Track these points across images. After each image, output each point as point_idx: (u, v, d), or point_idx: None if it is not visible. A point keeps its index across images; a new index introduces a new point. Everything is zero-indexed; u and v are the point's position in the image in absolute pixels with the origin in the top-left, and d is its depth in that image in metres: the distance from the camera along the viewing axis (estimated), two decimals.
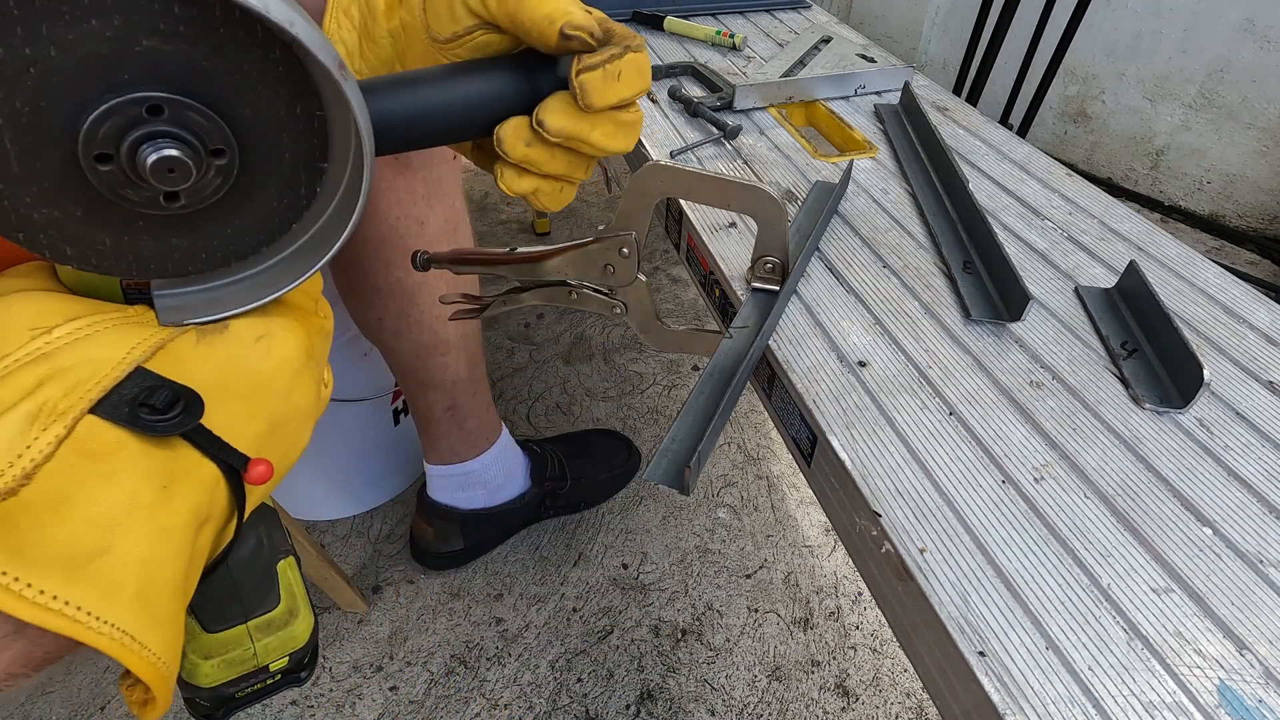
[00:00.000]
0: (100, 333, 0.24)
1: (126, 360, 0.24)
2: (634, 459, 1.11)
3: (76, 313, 0.24)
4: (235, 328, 0.27)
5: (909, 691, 0.89)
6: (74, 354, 0.23)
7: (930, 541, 0.39)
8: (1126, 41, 1.80)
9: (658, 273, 1.57)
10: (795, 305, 0.55)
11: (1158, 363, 0.50)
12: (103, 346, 0.24)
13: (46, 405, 0.22)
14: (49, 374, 0.22)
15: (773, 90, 0.84)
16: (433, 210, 0.69)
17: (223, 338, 0.26)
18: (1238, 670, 0.34)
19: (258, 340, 0.27)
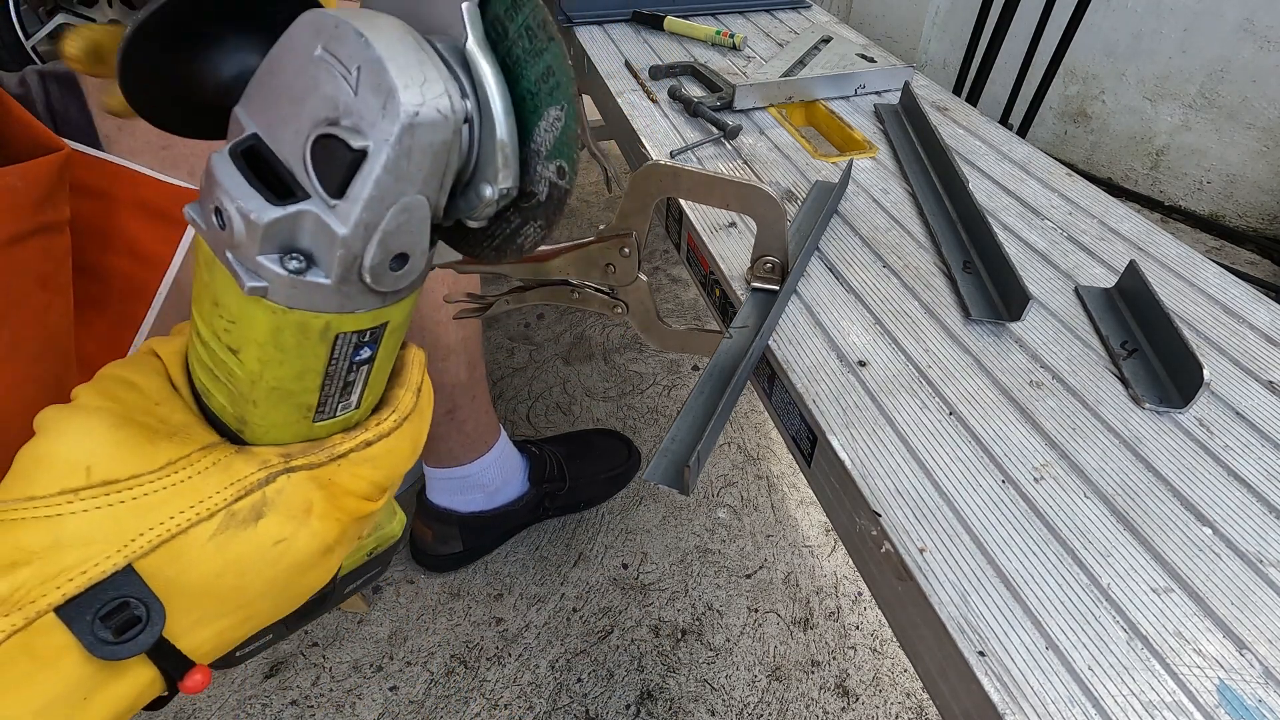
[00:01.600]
0: (118, 508, 0.23)
1: (122, 553, 0.23)
2: (634, 459, 1.11)
3: (114, 473, 0.24)
4: (265, 526, 0.25)
5: (909, 691, 0.89)
6: (79, 528, 0.23)
7: (930, 541, 0.39)
8: (1126, 41, 1.80)
9: (658, 273, 1.57)
10: (795, 305, 0.55)
11: (1158, 363, 0.50)
12: (109, 530, 0.23)
13: (19, 591, 0.22)
14: (43, 547, 0.22)
15: (773, 90, 0.84)
16: None
17: (243, 535, 0.25)
18: (1238, 670, 0.34)
19: (276, 544, 0.26)
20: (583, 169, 1.91)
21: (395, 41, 0.20)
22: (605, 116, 0.96)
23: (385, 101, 0.20)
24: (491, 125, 0.23)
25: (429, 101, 0.20)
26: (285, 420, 0.26)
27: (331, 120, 0.21)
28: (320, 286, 0.22)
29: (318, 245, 0.22)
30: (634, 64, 0.94)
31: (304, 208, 0.21)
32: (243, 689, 0.88)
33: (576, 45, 1.04)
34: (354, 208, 0.21)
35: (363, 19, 0.21)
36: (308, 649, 0.92)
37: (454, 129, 0.22)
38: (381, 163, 0.20)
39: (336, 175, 0.21)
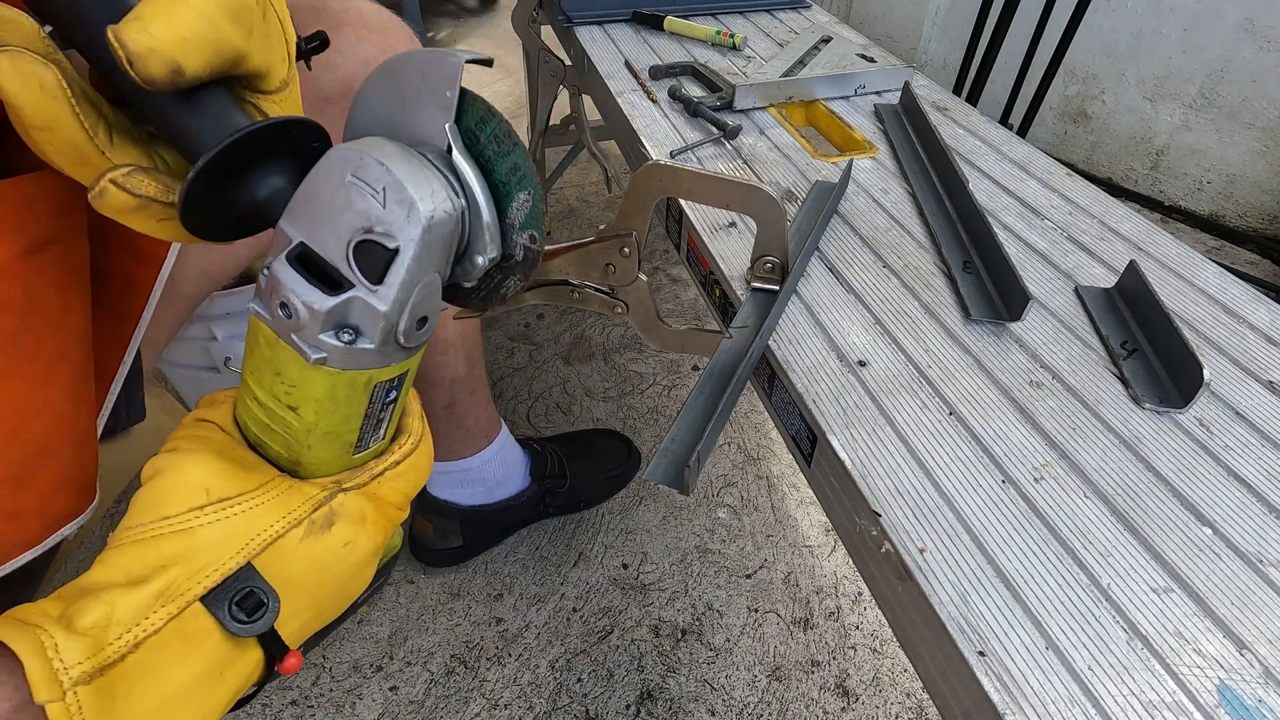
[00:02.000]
0: (235, 518, 0.29)
1: (242, 553, 0.29)
2: (634, 459, 1.11)
3: (227, 490, 0.30)
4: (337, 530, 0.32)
5: (909, 691, 0.89)
6: (208, 536, 0.29)
7: (930, 541, 0.39)
8: (1126, 41, 1.80)
9: (658, 273, 1.57)
10: (795, 305, 0.55)
11: (1158, 363, 0.50)
12: (229, 532, 0.29)
13: (172, 586, 0.27)
14: (183, 552, 0.28)
15: (773, 90, 0.84)
16: None
17: (322, 539, 0.31)
18: (1238, 670, 0.34)
19: (345, 545, 0.32)
20: (583, 169, 1.91)
21: (406, 165, 0.28)
22: (605, 116, 0.96)
23: (409, 211, 0.27)
24: (478, 212, 0.31)
25: (438, 206, 0.28)
26: (332, 457, 0.33)
27: (367, 229, 0.27)
28: (367, 350, 0.29)
29: (364, 320, 0.29)
30: (634, 64, 0.94)
31: (353, 295, 0.28)
32: None
33: (576, 45, 1.04)
34: (391, 291, 0.28)
35: (377, 150, 0.27)
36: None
37: (456, 221, 0.29)
38: (411, 255, 0.27)
39: (376, 269, 0.28)
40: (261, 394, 0.31)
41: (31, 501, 0.34)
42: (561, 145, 1.52)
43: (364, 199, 0.27)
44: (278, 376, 0.30)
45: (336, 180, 0.28)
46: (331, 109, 0.57)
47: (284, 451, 0.32)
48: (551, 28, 1.19)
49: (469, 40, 2.81)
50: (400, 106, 0.31)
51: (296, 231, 0.29)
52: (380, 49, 0.59)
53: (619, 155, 1.83)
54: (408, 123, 0.31)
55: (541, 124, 1.23)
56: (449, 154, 0.30)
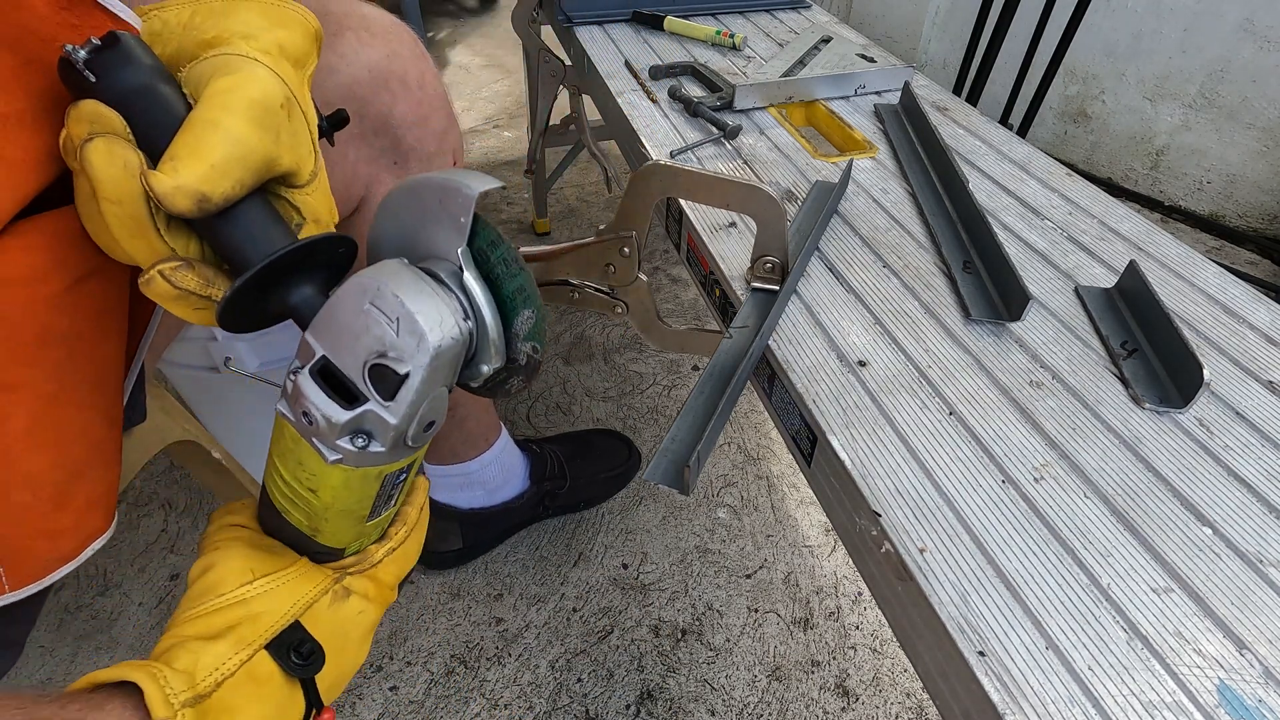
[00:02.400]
0: (278, 588, 0.36)
1: (291, 612, 0.35)
2: (634, 459, 1.11)
3: (266, 569, 0.36)
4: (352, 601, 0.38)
5: (909, 691, 0.89)
6: (260, 603, 0.35)
7: (930, 541, 0.39)
8: (1126, 41, 1.80)
9: (658, 273, 1.57)
10: (795, 305, 0.55)
11: (1158, 363, 0.50)
12: (278, 599, 0.35)
13: (241, 639, 0.33)
14: (245, 616, 0.34)
15: (773, 90, 0.84)
16: None
17: (344, 605, 0.38)
18: (1238, 670, 0.34)
19: (359, 613, 0.39)
20: (583, 169, 1.91)
21: (418, 297, 0.31)
22: (605, 116, 0.96)
23: (419, 342, 0.31)
24: (485, 328, 0.34)
25: (446, 334, 0.31)
26: (347, 526, 0.37)
27: (381, 352, 0.31)
28: (379, 453, 0.33)
29: (376, 429, 0.32)
30: (634, 64, 0.94)
31: (367, 408, 0.32)
32: None
33: (576, 45, 1.04)
34: (402, 407, 0.31)
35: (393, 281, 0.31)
36: None
37: (463, 345, 0.33)
38: (419, 379, 0.31)
39: (389, 389, 0.31)
40: (286, 475, 0.35)
41: (69, 520, 0.36)
42: (561, 145, 1.52)
43: (379, 326, 0.31)
44: (300, 465, 0.34)
45: (356, 306, 0.31)
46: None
47: (305, 520, 0.37)
48: (551, 28, 1.19)
49: (469, 40, 2.81)
50: (420, 221, 0.35)
51: (320, 345, 0.32)
52: (384, 54, 0.58)
53: (619, 155, 1.83)
54: (426, 236, 0.35)
55: (541, 124, 1.23)
56: (461, 273, 0.34)
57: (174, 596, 0.97)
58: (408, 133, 0.61)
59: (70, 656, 0.91)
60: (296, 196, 0.34)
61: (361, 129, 0.59)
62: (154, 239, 0.31)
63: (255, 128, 0.31)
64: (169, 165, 0.29)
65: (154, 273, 0.31)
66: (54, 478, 0.35)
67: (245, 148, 0.30)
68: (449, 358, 0.32)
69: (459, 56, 2.66)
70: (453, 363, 0.33)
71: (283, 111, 0.32)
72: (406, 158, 0.63)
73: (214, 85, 0.31)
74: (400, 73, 0.59)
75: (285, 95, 0.33)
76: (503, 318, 0.35)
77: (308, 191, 0.35)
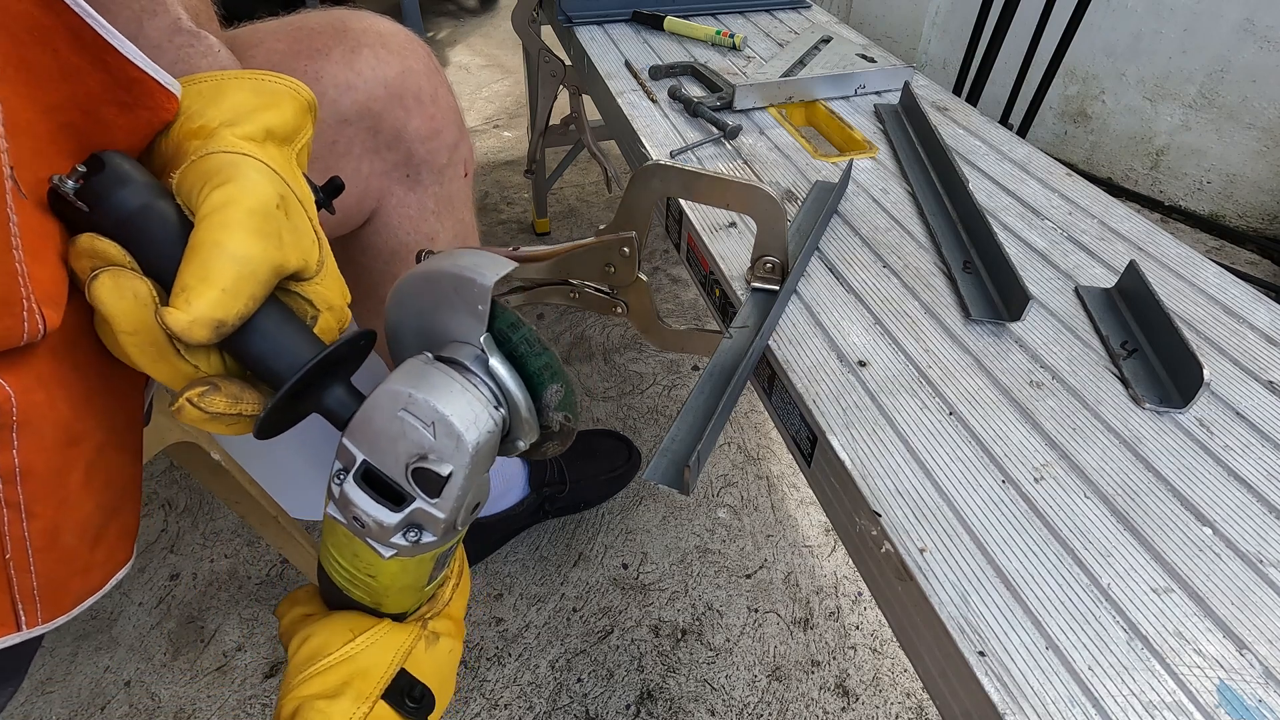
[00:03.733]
0: (378, 641, 0.38)
1: (395, 662, 0.38)
2: (634, 459, 1.11)
3: (365, 626, 0.38)
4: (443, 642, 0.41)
5: (909, 691, 0.89)
6: (366, 658, 0.37)
7: (930, 541, 0.39)
8: (1126, 41, 1.80)
9: (658, 273, 1.57)
10: (795, 305, 0.55)
11: (1158, 363, 0.50)
12: (382, 651, 0.38)
13: (359, 693, 0.36)
14: (355, 671, 0.37)
15: (773, 90, 0.84)
16: (443, 225, 0.69)
17: (437, 647, 0.41)
18: (1238, 670, 0.34)
19: (449, 652, 0.42)
20: (583, 169, 1.91)
21: (449, 399, 0.32)
22: (605, 116, 0.96)
23: (457, 443, 0.32)
24: (516, 407, 0.35)
25: (482, 431, 0.33)
26: (409, 597, 0.40)
27: (421, 455, 0.32)
28: (430, 542, 0.35)
29: (426, 523, 0.34)
30: (634, 64, 0.94)
31: (415, 507, 0.33)
32: (243, 689, 0.88)
33: (576, 45, 1.04)
34: (448, 503, 0.33)
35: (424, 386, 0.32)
36: None
37: (499, 435, 0.35)
38: (462, 476, 0.33)
39: (433, 489, 0.33)
40: (344, 564, 0.37)
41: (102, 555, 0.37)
42: (561, 145, 1.52)
43: (416, 431, 0.32)
44: (356, 557, 0.36)
45: (390, 413, 0.32)
46: (350, 130, 0.58)
47: (366, 597, 0.39)
48: (551, 28, 1.19)
49: (469, 40, 2.81)
50: (436, 308, 0.36)
51: (359, 450, 0.33)
52: (399, 70, 0.59)
53: (619, 155, 1.83)
54: (444, 322, 0.36)
55: (541, 124, 1.23)
56: (486, 358, 0.35)
57: (174, 596, 0.97)
58: (420, 146, 0.62)
59: (70, 656, 0.91)
60: (307, 289, 0.35)
61: (376, 143, 0.60)
62: (176, 361, 0.31)
63: (258, 239, 0.31)
64: (180, 298, 0.29)
65: (182, 402, 0.31)
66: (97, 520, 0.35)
67: (252, 264, 0.30)
68: (487, 450, 0.33)
69: (459, 56, 2.66)
70: (491, 451, 0.34)
71: (280, 212, 0.32)
72: (419, 170, 0.64)
73: (210, 200, 0.31)
74: (415, 88, 0.60)
75: (279, 192, 0.33)
76: (531, 393, 0.36)
77: (317, 282, 0.35)
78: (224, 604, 0.97)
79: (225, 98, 0.35)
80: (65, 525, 0.33)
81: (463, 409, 0.32)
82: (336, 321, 0.37)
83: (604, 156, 1.23)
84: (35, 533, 0.32)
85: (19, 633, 0.32)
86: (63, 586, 0.34)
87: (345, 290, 0.38)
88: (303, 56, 0.56)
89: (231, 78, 0.36)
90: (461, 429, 0.32)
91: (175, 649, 0.92)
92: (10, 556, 0.31)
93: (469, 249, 0.39)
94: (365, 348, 0.36)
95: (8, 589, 0.32)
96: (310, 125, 0.39)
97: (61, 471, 0.32)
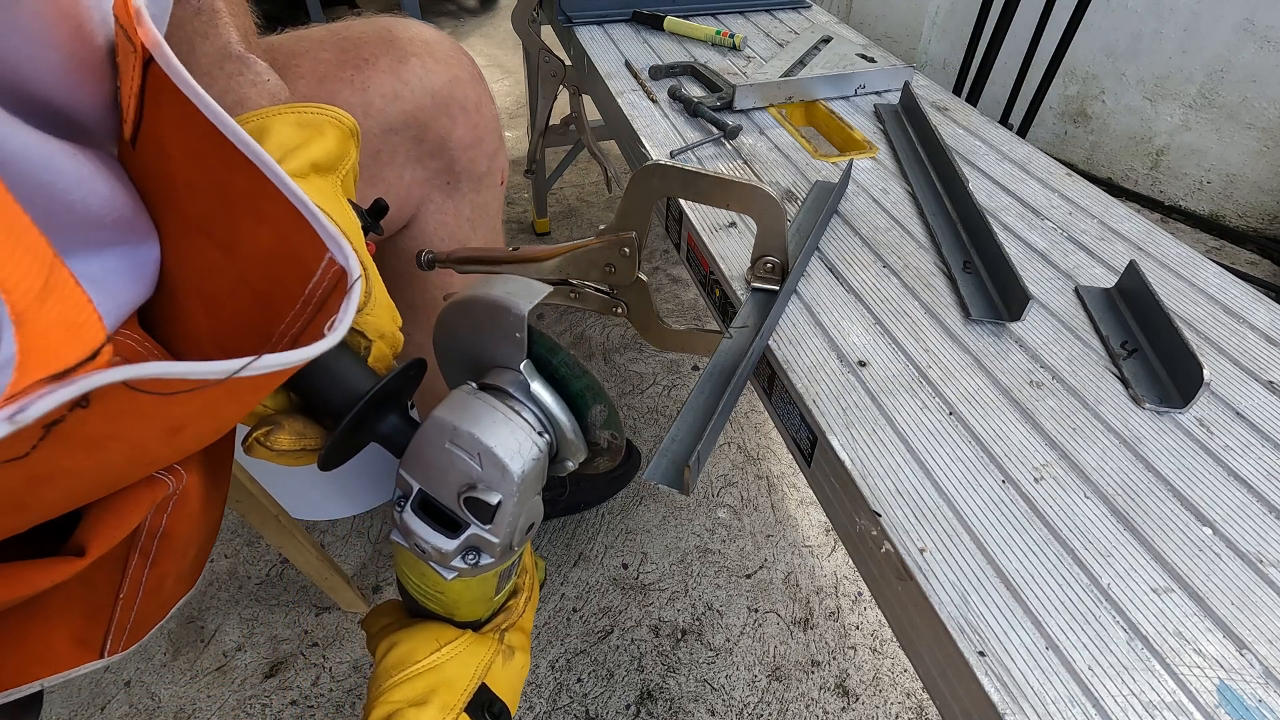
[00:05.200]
0: (461, 653, 0.40)
1: (476, 676, 0.40)
2: (634, 459, 1.11)
3: (449, 638, 0.40)
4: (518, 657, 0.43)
5: (909, 691, 0.89)
6: (451, 669, 0.39)
7: (930, 541, 0.39)
8: (1126, 41, 1.80)
9: (658, 273, 1.57)
10: (795, 305, 0.55)
11: (1158, 363, 0.50)
12: (465, 664, 0.40)
13: (444, 703, 0.38)
14: (441, 681, 0.38)
15: (773, 90, 0.84)
16: (476, 233, 0.70)
17: (512, 662, 0.43)
18: (1238, 670, 0.34)
19: (522, 666, 0.44)
20: (583, 169, 1.91)
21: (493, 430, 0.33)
22: (605, 116, 0.96)
23: (503, 473, 0.33)
24: (562, 430, 0.37)
25: (527, 459, 0.34)
26: (480, 608, 0.42)
27: (470, 485, 0.33)
28: (489, 564, 0.36)
29: (483, 546, 0.35)
30: (634, 64, 0.94)
31: (470, 533, 0.35)
32: (243, 689, 0.88)
33: (576, 45, 1.04)
34: (500, 528, 0.34)
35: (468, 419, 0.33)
36: (308, 649, 0.92)
37: (544, 458, 0.36)
38: (511, 503, 0.34)
39: (485, 516, 0.34)
40: (415, 580, 0.39)
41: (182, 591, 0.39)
42: (561, 145, 1.52)
43: (463, 463, 0.33)
44: (424, 577, 0.38)
45: (439, 445, 0.34)
46: (395, 139, 0.58)
47: (440, 610, 0.41)
48: (551, 28, 1.19)
49: (469, 40, 2.81)
50: (476, 334, 0.37)
51: (415, 480, 0.35)
52: (447, 79, 0.59)
53: (619, 155, 1.83)
54: (484, 348, 0.38)
55: (541, 124, 1.23)
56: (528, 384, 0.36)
57: None
58: (462, 154, 0.63)
59: None
60: (359, 321, 0.36)
61: (419, 152, 0.60)
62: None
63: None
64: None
65: (252, 441, 0.33)
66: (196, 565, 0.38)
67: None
68: (534, 475, 0.35)
69: None
70: (539, 476, 0.36)
71: None
72: (459, 178, 0.64)
73: None
74: (460, 98, 0.61)
75: None
76: (575, 414, 0.38)
77: (368, 312, 0.36)
78: (224, 604, 0.97)
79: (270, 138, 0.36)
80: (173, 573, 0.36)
81: (506, 439, 0.33)
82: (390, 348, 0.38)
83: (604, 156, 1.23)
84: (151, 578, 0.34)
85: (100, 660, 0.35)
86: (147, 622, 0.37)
87: (396, 314, 0.39)
88: (349, 66, 0.56)
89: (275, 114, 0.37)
90: (506, 459, 0.33)
91: (175, 649, 0.92)
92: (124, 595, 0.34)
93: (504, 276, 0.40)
94: (416, 377, 0.37)
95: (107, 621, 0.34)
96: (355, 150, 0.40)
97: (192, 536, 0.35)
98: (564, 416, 0.37)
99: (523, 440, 0.34)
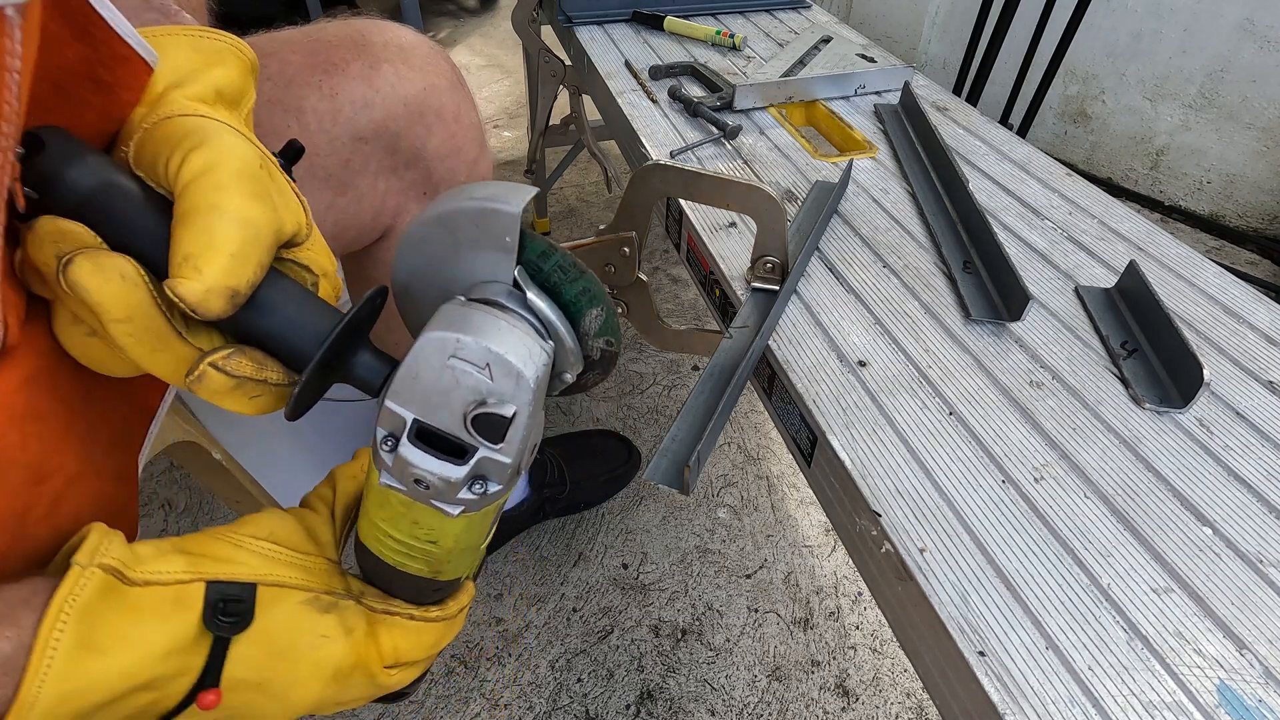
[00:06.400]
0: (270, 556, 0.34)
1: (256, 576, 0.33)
2: (634, 459, 1.11)
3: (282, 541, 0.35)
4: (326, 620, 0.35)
5: (909, 691, 0.89)
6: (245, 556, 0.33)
7: (930, 541, 0.39)
8: (1126, 41, 1.80)
9: (658, 273, 1.57)
10: (795, 305, 0.55)
11: (1158, 363, 0.50)
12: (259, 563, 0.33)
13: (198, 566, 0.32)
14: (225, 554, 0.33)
15: (773, 90, 0.84)
16: None
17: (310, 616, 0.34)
18: (1238, 670, 0.34)
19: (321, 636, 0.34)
20: (583, 169, 1.91)
21: (500, 337, 0.30)
22: (605, 116, 0.96)
23: (517, 380, 0.30)
24: (561, 340, 0.34)
25: (538, 365, 0.31)
26: (469, 560, 0.38)
27: (480, 401, 0.30)
28: (496, 491, 0.33)
29: (492, 472, 0.32)
30: (634, 64, 0.94)
31: (480, 456, 0.31)
32: None
33: (576, 45, 1.04)
34: (513, 446, 0.31)
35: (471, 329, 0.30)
36: None
37: (550, 366, 0.32)
38: (525, 415, 0.30)
39: (496, 434, 0.31)
40: (400, 536, 0.35)
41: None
42: (561, 145, 1.52)
43: (470, 377, 0.30)
44: (415, 525, 0.34)
45: (438, 364, 0.30)
46: (366, 148, 0.56)
47: (425, 568, 0.36)
48: (551, 28, 1.19)
49: (469, 40, 2.81)
50: (453, 251, 0.34)
51: (407, 410, 0.31)
52: (421, 88, 0.57)
53: (619, 155, 1.83)
54: (465, 264, 0.34)
55: (541, 124, 1.23)
56: (522, 292, 0.33)
57: None
58: (439, 165, 0.60)
59: None
60: (301, 255, 0.33)
61: (393, 162, 0.58)
62: (179, 347, 0.29)
63: (255, 201, 0.28)
64: (188, 266, 0.26)
65: (204, 367, 0.28)
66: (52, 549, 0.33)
67: (255, 226, 0.28)
68: (544, 384, 0.32)
69: (459, 56, 2.66)
70: (545, 386, 0.33)
71: (265, 173, 0.30)
72: (437, 188, 0.62)
73: (190, 165, 0.28)
74: (437, 106, 0.58)
75: (258, 154, 0.30)
76: (571, 322, 0.35)
77: (309, 246, 0.33)
78: None
79: (165, 57, 0.31)
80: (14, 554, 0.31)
81: (516, 345, 0.30)
82: (332, 288, 0.34)
83: (604, 156, 1.23)
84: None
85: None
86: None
87: (332, 255, 0.36)
88: (318, 70, 0.53)
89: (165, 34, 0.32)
90: (519, 366, 0.30)
91: None
92: None
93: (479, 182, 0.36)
94: (380, 305, 0.34)
95: None
96: (253, 89, 0.35)
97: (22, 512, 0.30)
98: (561, 324, 0.34)
99: (531, 346, 0.31)
